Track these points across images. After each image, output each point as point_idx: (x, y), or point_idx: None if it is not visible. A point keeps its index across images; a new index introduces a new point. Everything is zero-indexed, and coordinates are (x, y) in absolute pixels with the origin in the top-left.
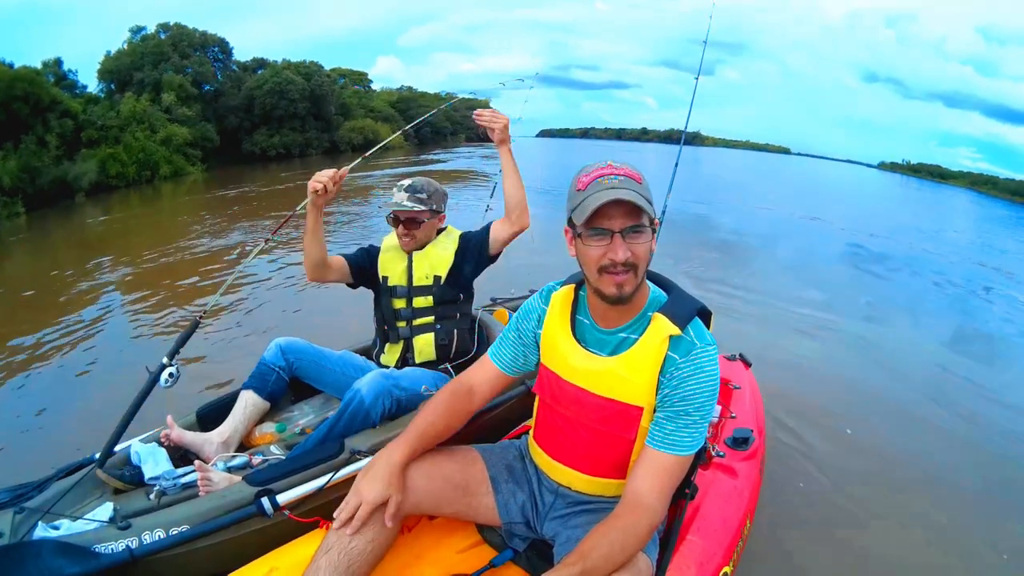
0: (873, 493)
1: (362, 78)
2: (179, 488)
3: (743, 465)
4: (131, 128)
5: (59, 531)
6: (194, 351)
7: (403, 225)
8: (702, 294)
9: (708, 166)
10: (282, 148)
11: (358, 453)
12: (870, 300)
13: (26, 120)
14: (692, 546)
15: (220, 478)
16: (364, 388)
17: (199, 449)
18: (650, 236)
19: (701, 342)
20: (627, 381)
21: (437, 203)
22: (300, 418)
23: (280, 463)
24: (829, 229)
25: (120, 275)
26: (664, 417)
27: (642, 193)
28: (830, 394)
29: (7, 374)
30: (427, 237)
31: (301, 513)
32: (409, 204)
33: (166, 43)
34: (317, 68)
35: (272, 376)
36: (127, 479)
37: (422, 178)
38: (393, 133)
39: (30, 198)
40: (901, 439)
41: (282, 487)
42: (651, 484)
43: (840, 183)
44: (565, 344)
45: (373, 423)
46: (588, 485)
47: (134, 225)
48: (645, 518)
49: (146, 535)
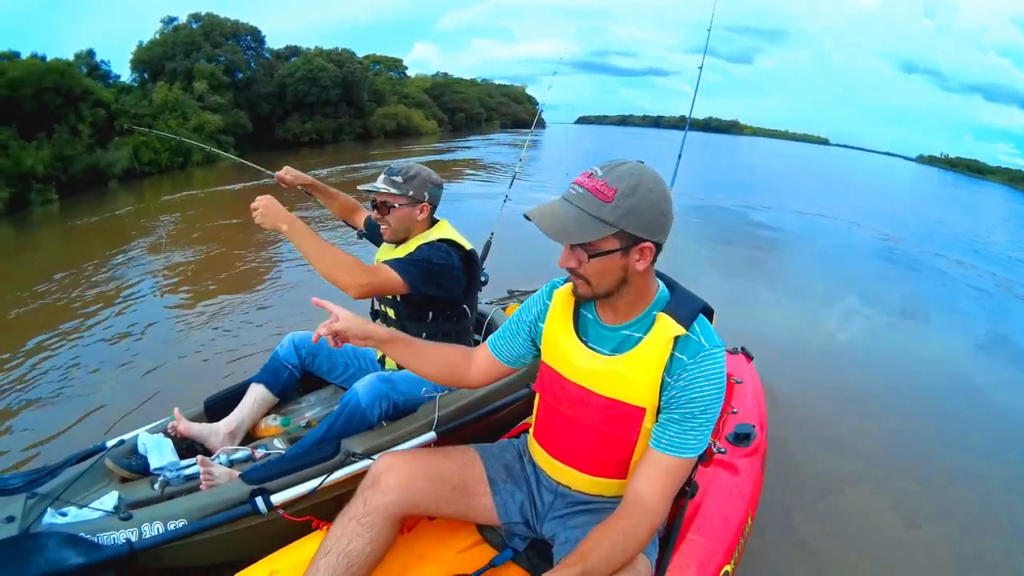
0: (876, 490)
1: (397, 64)
2: (182, 479)
3: (744, 462)
4: (164, 116)
5: (67, 518)
6: (219, 333)
7: (376, 209)
8: (711, 282)
9: (745, 155)
10: (315, 134)
11: (354, 455)
12: (888, 297)
13: (58, 110)
14: (693, 545)
15: (221, 472)
16: (361, 391)
17: (205, 440)
18: (598, 260)
19: (709, 344)
20: (630, 381)
21: (416, 190)
22: (307, 411)
23: (276, 461)
24: (862, 232)
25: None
26: (669, 419)
27: (582, 215)
28: (834, 389)
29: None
30: (405, 228)
31: (295, 512)
32: (382, 186)
33: (198, 33)
34: (349, 55)
35: (285, 373)
36: (134, 468)
37: (407, 161)
38: (426, 119)
39: (63, 185)
40: (906, 436)
41: (277, 487)
42: (653, 486)
43: (880, 178)
44: (567, 342)
45: (370, 425)
46: (588, 485)
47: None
48: (646, 520)
49: (145, 527)
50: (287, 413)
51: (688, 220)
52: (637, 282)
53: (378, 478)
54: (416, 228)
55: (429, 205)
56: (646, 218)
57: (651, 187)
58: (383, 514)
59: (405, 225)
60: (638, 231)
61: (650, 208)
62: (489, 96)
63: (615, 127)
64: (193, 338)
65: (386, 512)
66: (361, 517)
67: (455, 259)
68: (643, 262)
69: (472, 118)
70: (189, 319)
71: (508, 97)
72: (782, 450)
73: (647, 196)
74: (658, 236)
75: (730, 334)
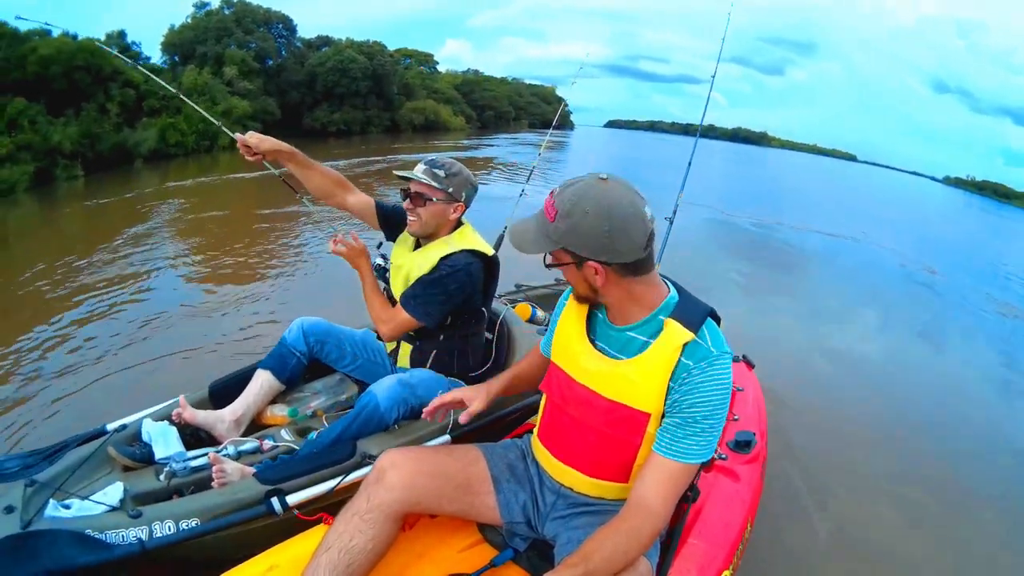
0: (876, 498)
1: (428, 59)
2: (189, 471)
3: (745, 468)
4: (192, 99)
5: (71, 511)
6: (225, 317)
7: (411, 199)
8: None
9: (773, 168)
10: (343, 125)
11: (370, 457)
12: (906, 320)
13: (87, 89)
14: (693, 549)
15: (233, 469)
16: (380, 394)
17: (211, 428)
18: (561, 267)
19: (718, 350)
20: (636, 385)
21: (456, 188)
22: (312, 400)
23: (292, 461)
24: (892, 258)
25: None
26: (673, 423)
27: (533, 234)
28: (834, 397)
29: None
30: (435, 224)
31: (308, 512)
32: (422, 176)
33: (230, 19)
34: (380, 48)
35: (292, 360)
36: (137, 457)
37: (447, 157)
38: (454, 115)
39: (89, 162)
40: (906, 444)
41: (292, 487)
42: (656, 490)
43: (911, 200)
44: (578, 344)
45: (386, 427)
46: (590, 487)
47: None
48: (648, 523)
49: (156, 525)
50: (293, 401)
51: (711, 233)
52: (611, 291)
53: (382, 475)
54: (445, 227)
55: (464, 206)
56: (583, 239)
57: (588, 210)
58: (386, 511)
59: (437, 221)
60: (579, 250)
61: (586, 231)
62: (519, 95)
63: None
64: (198, 322)
65: (389, 509)
66: (364, 513)
67: (475, 274)
68: (600, 278)
69: (501, 116)
70: (197, 303)
71: (538, 97)
72: (781, 457)
73: (582, 219)
74: (606, 256)
75: (737, 342)
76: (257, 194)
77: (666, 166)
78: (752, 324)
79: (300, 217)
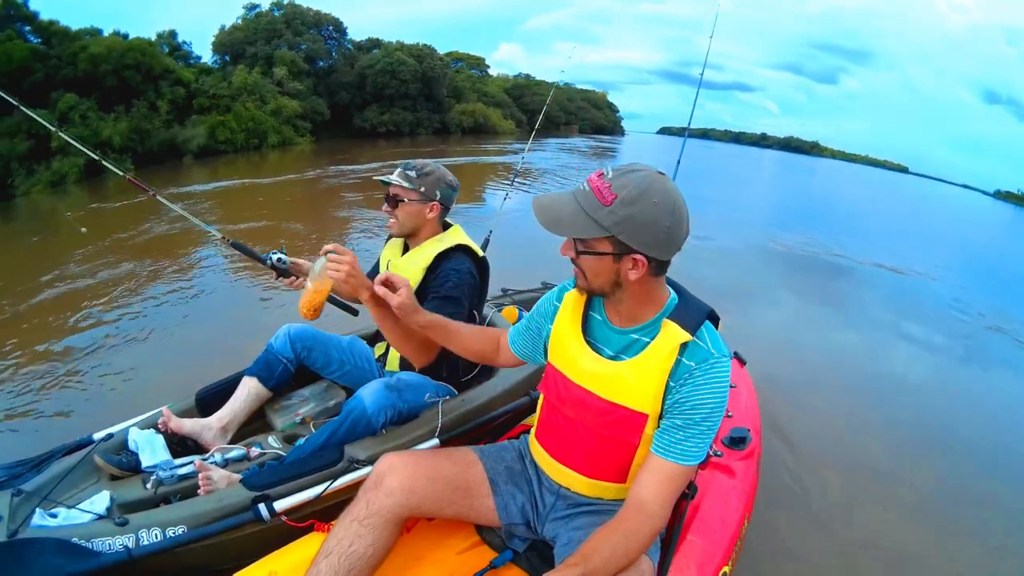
0: (868, 491)
1: (479, 62)
2: (176, 479)
3: (740, 465)
4: (242, 98)
5: (57, 519)
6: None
7: (387, 201)
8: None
9: (824, 179)
10: (392, 126)
11: (357, 462)
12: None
13: (138, 87)
14: (692, 547)
15: (220, 476)
16: (367, 399)
17: (198, 436)
18: (590, 257)
19: (718, 351)
20: (634, 387)
21: (428, 188)
22: (300, 406)
23: (277, 467)
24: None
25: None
26: (671, 425)
27: (573, 214)
28: (825, 392)
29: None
30: (413, 225)
31: (296, 518)
32: (396, 179)
33: (280, 20)
34: (430, 51)
35: (279, 367)
36: (124, 466)
37: (426, 160)
38: (504, 119)
39: (139, 157)
40: (898, 439)
41: (279, 493)
42: (655, 491)
43: (973, 220)
44: (575, 345)
45: (374, 432)
46: (588, 487)
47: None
48: (647, 524)
49: (143, 533)
50: (281, 408)
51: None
52: (634, 289)
53: (381, 479)
54: (425, 228)
55: (440, 205)
56: (642, 230)
57: (656, 201)
58: (385, 516)
59: (413, 221)
60: (631, 241)
61: (649, 222)
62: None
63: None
64: (186, 328)
65: (389, 514)
66: (364, 519)
67: (475, 273)
68: (635, 272)
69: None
70: (177, 310)
71: (589, 102)
72: (774, 453)
73: (648, 209)
74: (655, 252)
75: (740, 341)
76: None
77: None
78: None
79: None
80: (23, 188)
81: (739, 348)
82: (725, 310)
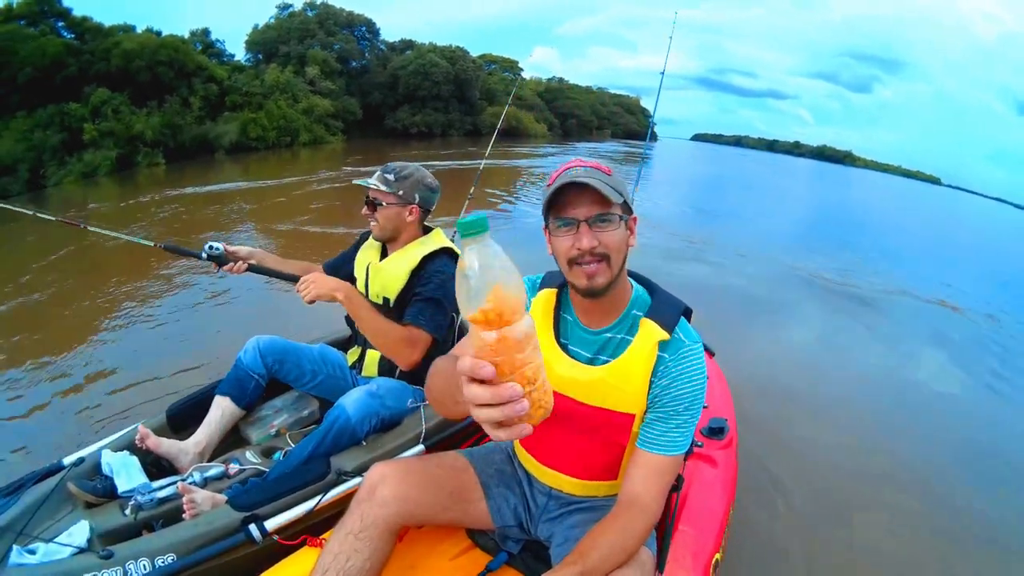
0: (840, 473)
1: (513, 66)
2: (155, 503)
3: (721, 454)
4: (274, 96)
5: (36, 556)
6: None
7: (366, 205)
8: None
9: (858, 191)
10: (424, 127)
11: (345, 474)
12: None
13: (171, 83)
14: (685, 536)
15: (204, 498)
16: (350, 407)
17: (174, 458)
18: (621, 226)
19: (689, 340)
20: (618, 390)
21: (407, 191)
22: (274, 418)
23: (265, 485)
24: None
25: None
26: (655, 418)
27: (608, 182)
28: (793, 379)
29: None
30: (392, 227)
31: (288, 535)
32: (374, 182)
33: (312, 20)
34: (463, 53)
35: (251, 384)
36: (100, 492)
37: (405, 162)
38: (536, 122)
39: (170, 152)
40: (867, 420)
41: (269, 512)
42: (646, 485)
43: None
44: (548, 352)
45: (359, 441)
46: (579, 488)
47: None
48: (641, 518)
49: (131, 566)
50: (255, 422)
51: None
52: (623, 271)
53: (373, 490)
54: (405, 230)
55: (419, 208)
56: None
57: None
58: (381, 527)
59: (393, 224)
60: (631, 203)
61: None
62: (602, 104)
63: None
64: (153, 341)
65: (384, 525)
66: (359, 532)
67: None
68: (632, 236)
69: (584, 125)
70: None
71: (622, 107)
72: (747, 440)
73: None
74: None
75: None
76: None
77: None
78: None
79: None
80: (55, 179)
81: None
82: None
